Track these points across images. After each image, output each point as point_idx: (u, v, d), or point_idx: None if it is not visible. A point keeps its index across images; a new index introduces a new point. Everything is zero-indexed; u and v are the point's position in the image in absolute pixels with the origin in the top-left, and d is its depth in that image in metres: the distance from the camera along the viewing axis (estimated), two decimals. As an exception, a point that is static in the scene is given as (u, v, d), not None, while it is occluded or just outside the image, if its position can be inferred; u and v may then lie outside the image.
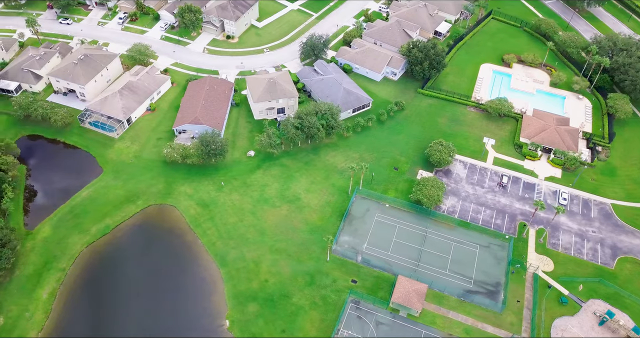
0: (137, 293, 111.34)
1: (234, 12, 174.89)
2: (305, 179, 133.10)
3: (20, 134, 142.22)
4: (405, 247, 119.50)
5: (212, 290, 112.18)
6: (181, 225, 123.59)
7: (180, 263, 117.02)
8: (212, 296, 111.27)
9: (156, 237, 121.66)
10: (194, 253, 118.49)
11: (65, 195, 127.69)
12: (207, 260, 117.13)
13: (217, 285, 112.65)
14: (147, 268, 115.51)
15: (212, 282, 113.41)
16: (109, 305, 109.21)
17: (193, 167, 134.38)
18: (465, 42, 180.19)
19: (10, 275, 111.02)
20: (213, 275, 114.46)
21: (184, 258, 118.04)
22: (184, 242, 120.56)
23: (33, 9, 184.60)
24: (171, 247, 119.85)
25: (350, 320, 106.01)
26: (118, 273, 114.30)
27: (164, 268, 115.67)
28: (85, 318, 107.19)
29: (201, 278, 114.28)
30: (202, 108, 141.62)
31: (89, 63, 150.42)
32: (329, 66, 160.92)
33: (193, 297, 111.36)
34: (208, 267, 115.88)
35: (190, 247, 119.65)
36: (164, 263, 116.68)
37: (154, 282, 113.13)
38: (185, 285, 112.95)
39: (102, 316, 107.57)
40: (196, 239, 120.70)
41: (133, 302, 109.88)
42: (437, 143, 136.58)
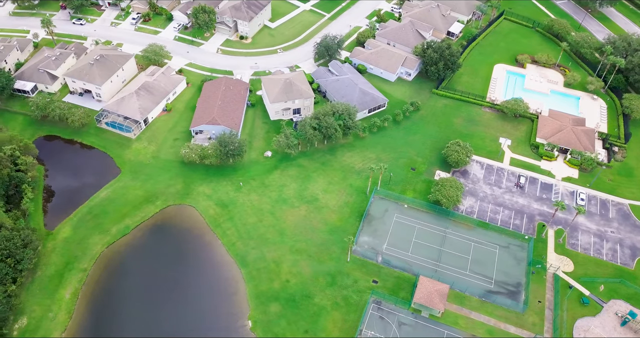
0: (159, 293, 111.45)
1: (247, 12, 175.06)
2: (322, 180, 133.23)
3: (38, 134, 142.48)
4: (424, 247, 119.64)
5: (234, 291, 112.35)
6: (200, 225, 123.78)
7: (201, 264, 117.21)
8: (234, 296, 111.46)
9: (176, 237, 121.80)
10: (214, 254, 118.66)
11: (84, 196, 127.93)
12: (227, 260, 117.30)
13: (239, 286, 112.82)
14: (168, 268, 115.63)
15: (233, 282, 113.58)
16: (131, 305, 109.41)
17: (211, 167, 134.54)
18: (478, 43, 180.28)
19: (32, 276, 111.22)
20: (234, 276, 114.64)
21: (205, 258, 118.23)
22: (204, 242, 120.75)
23: (46, 9, 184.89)
24: (191, 247, 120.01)
25: (373, 321, 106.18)
26: (139, 273, 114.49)
27: (185, 269, 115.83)
28: (107, 318, 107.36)
29: (222, 279, 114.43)
30: (219, 108, 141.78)
31: (105, 63, 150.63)
32: (344, 66, 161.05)
33: (215, 297, 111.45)
34: (229, 267, 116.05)
35: (211, 247, 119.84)
36: (185, 263, 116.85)
37: (175, 282, 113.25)
38: (206, 285, 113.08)
39: (125, 316, 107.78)
40: (216, 239, 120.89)
41: (155, 302, 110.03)
42: (454, 143, 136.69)
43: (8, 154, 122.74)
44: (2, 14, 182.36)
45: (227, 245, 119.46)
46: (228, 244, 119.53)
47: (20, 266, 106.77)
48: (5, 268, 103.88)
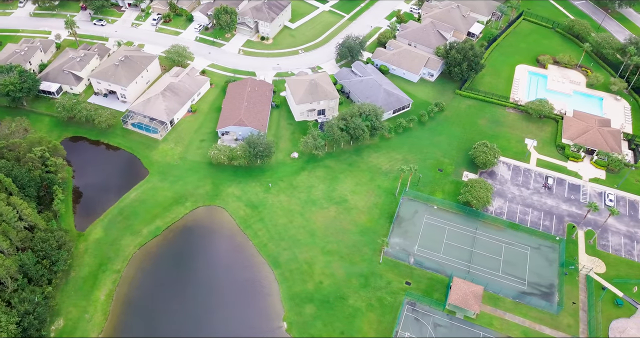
0: (192, 294, 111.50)
1: (268, 13, 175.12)
2: (350, 181, 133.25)
3: (64, 135, 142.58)
4: (456, 248, 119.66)
5: (267, 292, 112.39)
6: (231, 226, 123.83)
7: (233, 265, 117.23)
8: (268, 297, 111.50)
9: (207, 238, 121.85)
10: (246, 255, 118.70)
11: (113, 197, 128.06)
12: (259, 261, 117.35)
13: (272, 287, 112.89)
14: (200, 269, 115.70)
15: (267, 283, 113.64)
16: (165, 306, 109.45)
17: (239, 168, 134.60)
18: (499, 43, 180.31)
19: (66, 277, 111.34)
20: (267, 277, 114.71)
21: (237, 259, 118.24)
22: (235, 243, 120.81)
23: (66, 10, 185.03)
24: (223, 248, 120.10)
25: (408, 322, 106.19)
26: (172, 274, 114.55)
27: (218, 270, 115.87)
28: (142, 319, 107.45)
29: (255, 280, 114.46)
30: (246, 110, 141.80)
31: (129, 64, 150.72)
32: (367, 67, 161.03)
33: (248, 298, 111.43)
34: (261, 269, 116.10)
35: (242, 248, 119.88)
36: (217, 264, 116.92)
37: (208, 283, 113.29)
38: (239, 287, 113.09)
39: (159, 317, 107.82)
40: (247, 240, 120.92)
41: (189, 303, 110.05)
42: (481, 144, 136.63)
43: (38, 155, 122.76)
44: (22, 15, 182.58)
45: (259, 246, 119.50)
46: (259, 245, 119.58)
47: (55, 267, 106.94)
48: (42, 270, 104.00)
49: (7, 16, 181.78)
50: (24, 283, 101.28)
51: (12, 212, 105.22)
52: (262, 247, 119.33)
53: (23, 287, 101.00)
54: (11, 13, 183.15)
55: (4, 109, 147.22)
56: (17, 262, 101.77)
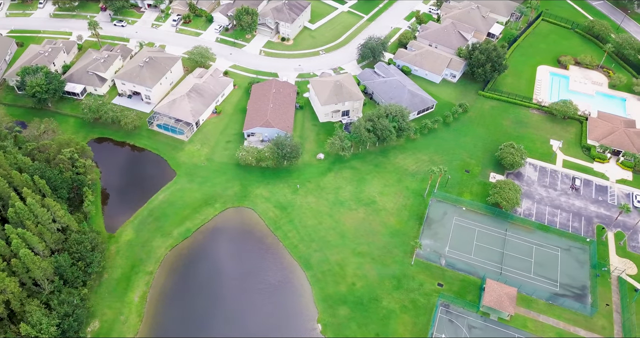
0: (225, 296, 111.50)
1: (289, 14, 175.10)
2: (377, 182, 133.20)
3: (89, 136, 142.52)
4: (486, 250, 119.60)
5: (299, 293, 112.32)
6: (261, 227, 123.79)
7: (265, 266, 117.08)
8: (300, 299, 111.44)
9: (237, 239, 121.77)
10: (277, 256, 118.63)
11: (142, 198, 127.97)
12: (290, 262, 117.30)
13: (304, 288, 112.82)
14: (232, 270, 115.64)
15: (299, 284, 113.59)
16: (198, 307, 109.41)
17: (266, 170, 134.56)
18: (519, 44, 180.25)
19: (99, 279, 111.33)
20: (299, 278, 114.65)
21: (268, 261, 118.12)
22: (266, 245, 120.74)
23: (86, 11, 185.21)
24: (253, 249, 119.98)
25: (442, 324, 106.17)
26: (204, 276, 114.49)
27: (249, 271, 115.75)
28: (177, 320, 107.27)
29: (287, 281, 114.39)
30: (271, 111, 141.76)
31: (154, 65, 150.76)
32: (390, 68, 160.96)
33: (281, 300, 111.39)
34: (293, 270, 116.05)
35: (273, 250, 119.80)
36: (248, 265, 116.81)
37: (240, 285, 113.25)
38: (271, 288, 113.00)
39: (193, 319, 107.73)
40: (277, 242, 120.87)
41: (222, 305, 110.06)
42: (508, 145, 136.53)
43: (68, 156, 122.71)
44: (43, 16, 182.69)
45: (289, 247, 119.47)
46: (290, 246, 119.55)
47: (89, 269, 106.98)
48: (77, 272, 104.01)
49: (27, 17, 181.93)
50: (60, 285, 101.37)
51: (46, 213, 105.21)
52: (293, 248, 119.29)
53: (59, 289, 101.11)
54: (31, 14, 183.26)
55: (29, 110, 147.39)
56: (53, 263, 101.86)
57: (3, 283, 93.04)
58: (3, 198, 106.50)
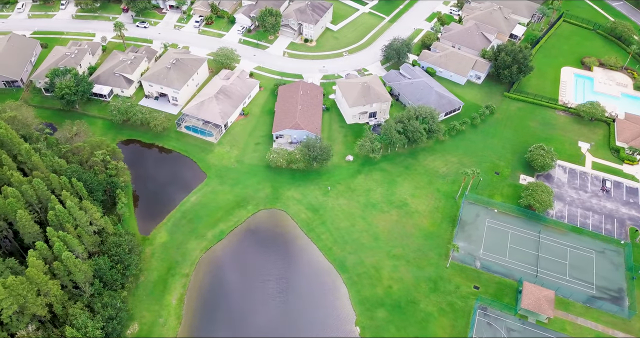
0: (261, 298, 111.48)
1: (312, 15, 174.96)
2: (408, 184, 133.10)
3: (118, 138, 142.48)
4: (520, 252, 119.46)
5: (336, 296, 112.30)
6: (294, 229, 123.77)
7: (299, 268, 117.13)
8: (337, 301, 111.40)
9: (271, 241, 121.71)
10: (312, 258, 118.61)
11: (173, 200, 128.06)
12: (325, 265, 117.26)
13: (340, 291, 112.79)
14: (268, 273, 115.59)
15: (335, 287, 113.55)
16: (236, 309, 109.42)
17: (296, 172, 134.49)
18: (542, 45, 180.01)
19: (136, 281, 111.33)
20: (334, 280, 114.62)
21: (302, 263, 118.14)
22: (300, 247, 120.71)
23: (108, 12, 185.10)
24: (288, 251, 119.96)
25: (481, 327, 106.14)
26: (239, 278, 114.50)
27: (284, 273, 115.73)
28: (215, 323, 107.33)
29: (323, 284, 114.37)
30: (300, 113, 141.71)
31: (181, 67, 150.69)
32: (416, 69, 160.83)
33: (318, 302, 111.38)
34: (328, 272, 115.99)
35: (307, 252, 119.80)
36: (283, 268, 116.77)
37: (276, 287, 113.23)
38: (307, 290, 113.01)
39: (231, 321, 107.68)
40: (311, 244, 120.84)
41: (259, 307, 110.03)
42: (538, 147, 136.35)
43: (100, 158, 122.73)
44: (65, 17, 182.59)
45: (324, 249, 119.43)
46: (324, 249, 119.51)
47: (127, 272, 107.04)
48: (116, 274, 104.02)
49: (50, 18, 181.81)
50: (100, 288, 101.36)
51: (85, 216, 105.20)
52: (327, 250, 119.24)
53: (100, 292, 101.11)
54: (53, 15, 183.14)
55: (57, 111, 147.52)
56: (93, 266, 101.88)
57: (46, 286, 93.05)
58: (42, 201, 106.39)
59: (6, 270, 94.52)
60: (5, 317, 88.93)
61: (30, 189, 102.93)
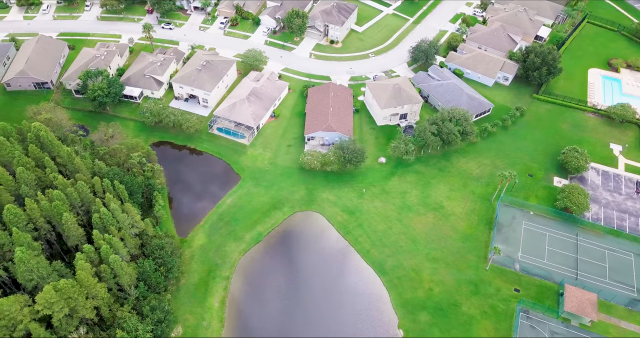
0: (302, 300, 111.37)
1: (338, 16, 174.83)
2: (443, 186, 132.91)
3: (150, 140, 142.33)
4: (559, 255, 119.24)
5: (376, 298, 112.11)
6: (330, 232, 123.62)
7: (338, 271, 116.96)
8: (378, 304, 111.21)
9: (309, 244, 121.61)
10: (350, 261, 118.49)
11: (209, 202, 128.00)
12: (364, 267, 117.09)
13: (381, 294, 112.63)
14: (307, 275, 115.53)
15: (375, 290, 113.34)
16: (277, 312, 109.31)
17: (330, 173, 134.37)
18: (567, 47, 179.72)
19: (177, 284, 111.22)
20: (374, 283, 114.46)
21: (341, 265, 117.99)
22: (338, 249, 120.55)
23: (132, 13, 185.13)
24: (326, 254, 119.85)
25: (524, 330, 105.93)
26: (279, 280, 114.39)
27: (323, 275, 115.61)
28: (257, 325, 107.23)
29: (363, 286, 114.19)
30: (332, 115, 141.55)
31: (211, 69, 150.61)
32: (444, 71, 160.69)
33: (359, 305, 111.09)
34: (367, 275, 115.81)
35: (345, 254, 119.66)
36: (322, 270, 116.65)
37: (316, 289, 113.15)
38: (348, 293, 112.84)
39: (272, 323, 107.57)
40: (348, 246, 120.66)
41: (300, 310, 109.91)
42: (571, 149, 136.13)
43: (137, 160, 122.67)
44: (90, 19, 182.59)
45: (362, 252, 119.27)
46: (362, 251, 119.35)
47: (170, 274, 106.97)
48: (159, 277, 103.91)
49: (75, 20, 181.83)
50: (145, 291, 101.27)
51: (127, 219, 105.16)
52: (365, 253, 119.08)
53: (145, 295, 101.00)
54: (78, 17, 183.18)
55: (88, 113, 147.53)
56: (138, 269, 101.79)
57: (95, 288, 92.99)
58: (84, 204, 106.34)
59: (53, 273, 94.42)
60: (56, 320, 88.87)
61: (74, 192, 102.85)
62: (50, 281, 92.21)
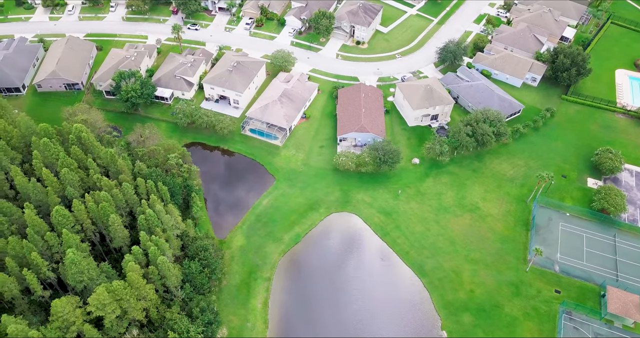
0: (344, 301, 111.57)
1: (365, 17, 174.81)
2: (478, 187, 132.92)
3: (182, 141, 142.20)
4: (598, 256, 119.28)
5: (418, 300, 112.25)
6: (368, 233, 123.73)
7: (378, 272, 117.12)
8: (420, 305, 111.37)
9: (347, 245, 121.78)
10: (389, 262, 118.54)
11: (245, 203, 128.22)
12: (404, 269, 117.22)
13: (422, 295, 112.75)
14: (348, 276, 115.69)
15: (416, 291, 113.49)
16: (318, 314, 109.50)
17: (364, 175, 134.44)
18: (593, 47, 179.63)
19: (219, 285, 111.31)
20: (415, 285, 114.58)
21: (380, 266, 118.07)
22: (376, 251, 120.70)
23: (158, 14, 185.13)
24: (365, 255, 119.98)
25: (568, 331, 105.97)
26: (320, 281, 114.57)
27: (363, 277, 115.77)
28: (299, 327, 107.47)
29: (404, 288, 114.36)
30: (364, 116, 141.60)
31: (242, 70, 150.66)
32: (473, 72, 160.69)
33: (400, 306, 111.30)
34: (407, 276, 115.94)
35: (383, 256, 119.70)
36: (362, 271, 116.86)
37: (357, 290, 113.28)
38: (389, 294, 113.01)
39: (315, 325, 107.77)
40: (387, 248, 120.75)
41: (342, 310, 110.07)
42: (605, 150, 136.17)
43: (174, 162, 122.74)
44: (116, 19, 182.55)
45: (400, 253, 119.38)
46: (401, 253, 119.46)
47: (213, 276, 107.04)
48: (204, 278, 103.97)
49: (101, 21, 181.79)
50: (191, 293, 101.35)
51: (171, 220, 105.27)
52: (404, 255, 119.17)
53: (191, 296, 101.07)
54: (104, 17, 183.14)
55: (120, 114, 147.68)
56: (184, 270, 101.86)
57: (144, 290, 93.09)
58: (129, 205, 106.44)
59: (102, 275, 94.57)
60: (108, 321, 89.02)
61: (120, 193, 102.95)
62: (99, 282, 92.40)
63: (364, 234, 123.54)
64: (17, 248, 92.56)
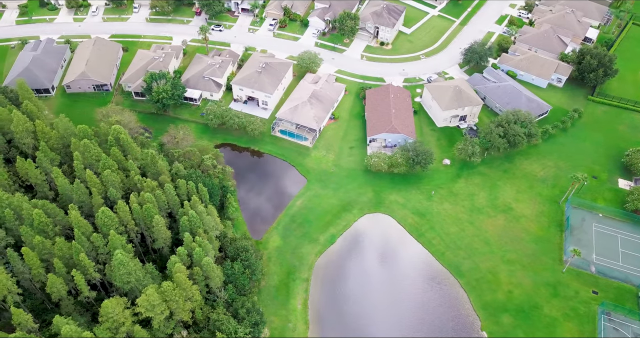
0: (382, 302, 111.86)
1: (389, 18, 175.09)
2: (510, 188, 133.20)
3: (213, 142, 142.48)
4: (634, 257, 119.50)
5: (456, 301, 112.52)
6: (402, 234, 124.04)
7: (415, 273, 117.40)
8: (458, 306, 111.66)
9: (383, 245, 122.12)
10: (426, 263, 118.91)
11: (279, 204, 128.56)
12: (440, 270, 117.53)
13: (460, 296, 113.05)
14: (385, 277, 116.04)
15: (454, 292, 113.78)
16: (357, 314, 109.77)
17: (395, 175, 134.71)
18: (616, 48, 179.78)
19: (258, 286, 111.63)
20: (452, 285, 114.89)
21: (417, 268, 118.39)
22: (412, 252, 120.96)
23: (181, 15, 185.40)
24: (400, 256, 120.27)
25: (608, 332, 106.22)
26: (357, 281, 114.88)
27: (401, 277, 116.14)
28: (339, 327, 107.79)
29: (441, 288, 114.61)
30: (395, 116, 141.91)
31: (270, 71, 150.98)
32: (499, 73, 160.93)
33: (439, 307, 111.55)
34: (444, 277, 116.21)
35: (419, 257, 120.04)
36: (399, 271, 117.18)
37: (396, 291, 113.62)
38: (427, 295, 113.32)
39: (354, 325, 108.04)
40: (422, 249, 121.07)
41: (381, 311, 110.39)
42: (636, 151, 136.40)
43: (209, 163, 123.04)
44: (139, 20, 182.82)
45: (436, 254, 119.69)
46: (437, 254, 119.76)
47: (253, 276, 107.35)
48: (245, 279, 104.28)
49: (124, 22, 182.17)
50: (234, 294, 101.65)
51: (212, 221, 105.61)
52: (440, 255, 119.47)
53: (233, 297, 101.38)
54: (127, 18, 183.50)
55: (149, 115, 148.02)
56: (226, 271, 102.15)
57: (191, 290, 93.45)
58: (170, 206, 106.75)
59: (146, 275, 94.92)
60: (156, 322, 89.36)
61: (162, 194, 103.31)
62: (145, 283, 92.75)
63: (398, 235, 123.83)
64: (64, 250, 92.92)
